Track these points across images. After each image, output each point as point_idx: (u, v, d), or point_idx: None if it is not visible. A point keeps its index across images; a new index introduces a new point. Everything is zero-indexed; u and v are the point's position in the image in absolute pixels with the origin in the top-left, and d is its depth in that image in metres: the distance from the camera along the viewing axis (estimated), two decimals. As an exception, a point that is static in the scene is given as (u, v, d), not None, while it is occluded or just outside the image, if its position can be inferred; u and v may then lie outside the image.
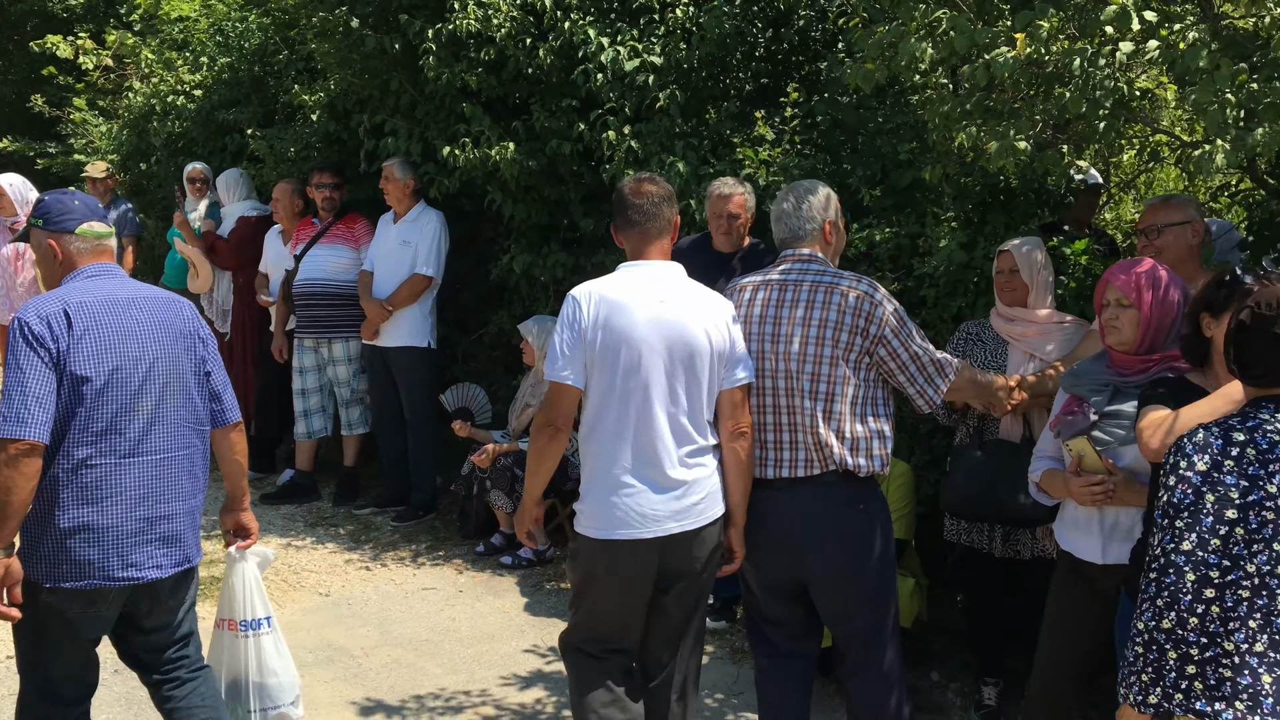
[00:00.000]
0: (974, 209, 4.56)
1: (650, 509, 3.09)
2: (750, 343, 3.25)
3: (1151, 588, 2.26)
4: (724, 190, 4.70)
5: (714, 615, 4.84)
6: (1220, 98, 3.10)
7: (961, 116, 3.69)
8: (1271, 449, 2.21)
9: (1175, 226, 3.61)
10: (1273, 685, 2.14)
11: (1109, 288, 3.10)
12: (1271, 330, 2.25)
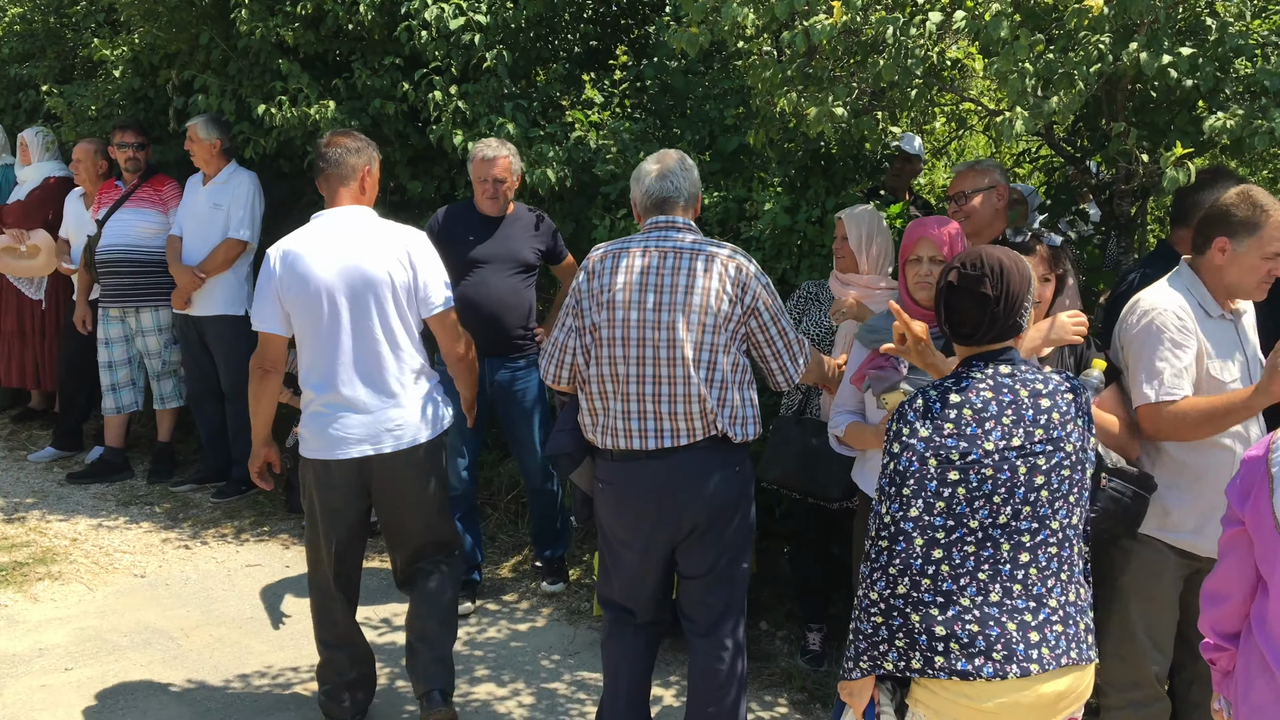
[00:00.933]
0: (797, 174, 4.68)
1: (352, 432, 3.49)
2: (630, 310, 3.15)
3: (883, 557, 2.30)
4: (487, 153, 4.54)
5: (550, 579, 4.86)
6: (1020, 67, 3.28)
7: (783, 82, 3.77)
8: (985, 407, 2.31)
9: (982, 191, 3.80)
10: (1018, 631, 2.27)
11: (923, 243, 3.23)
12: (977, 290, 2.35)
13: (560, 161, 4.88)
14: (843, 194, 4.54)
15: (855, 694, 2.40)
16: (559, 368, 3.30)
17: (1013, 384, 2.34)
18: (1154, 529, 2.98)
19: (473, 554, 4.77)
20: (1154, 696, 3.06)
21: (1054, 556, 2.33)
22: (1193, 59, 3.37)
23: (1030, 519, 2.30)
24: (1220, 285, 2.97)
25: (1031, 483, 2.30)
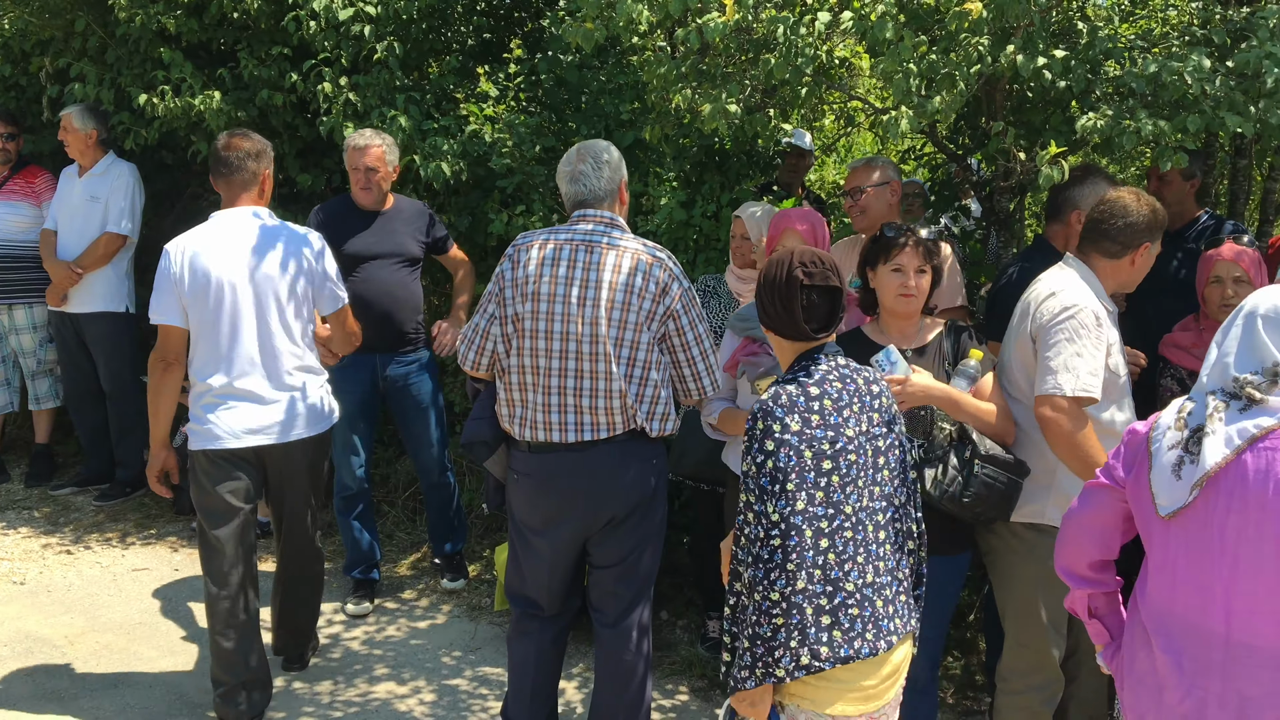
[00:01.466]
0: (692, 169, 4.74)
1: (247, 423, 3.62)
2: (555, 303, 3.12)
3: (778, 555, 2.31)
4: (359, 142, 4.47)
5: (450, 575, 4.83)
6: (904, 68, 3.39)
7: (677, 79, 3.83)
8: (840, 396, 2.42)
9: (876, 187, 3.92)
10: (883, 606, 2.39)
11: (788, 234, 3.30)
12: (828, 284, 2.45)
13: (455, 155, 4.85)
14: (737, 189, 4.62)
15: (756, 702, 2.42)
16: (479, 354, 3.28)
17: (851, 373, 2.48)
18: (1057, 518, 3.07)
19: (370, 553, 4.71)
20: (1054, 679, 3.19)
21: (898, 531, 2.49)
22: (1065, 61, 3.53)
23: (880, 498, 2.44)
24: (1117, 283, 3.10)
25: (877, 464, 2.44)
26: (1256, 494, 2.03)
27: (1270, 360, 2.09)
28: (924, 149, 5.32)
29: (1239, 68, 3.41)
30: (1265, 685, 2.04)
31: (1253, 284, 3.30)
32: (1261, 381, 2.08)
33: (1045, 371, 2.95)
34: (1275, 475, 2.01)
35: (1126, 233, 3.03)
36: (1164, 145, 3.46)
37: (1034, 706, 3.15)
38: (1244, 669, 2.07)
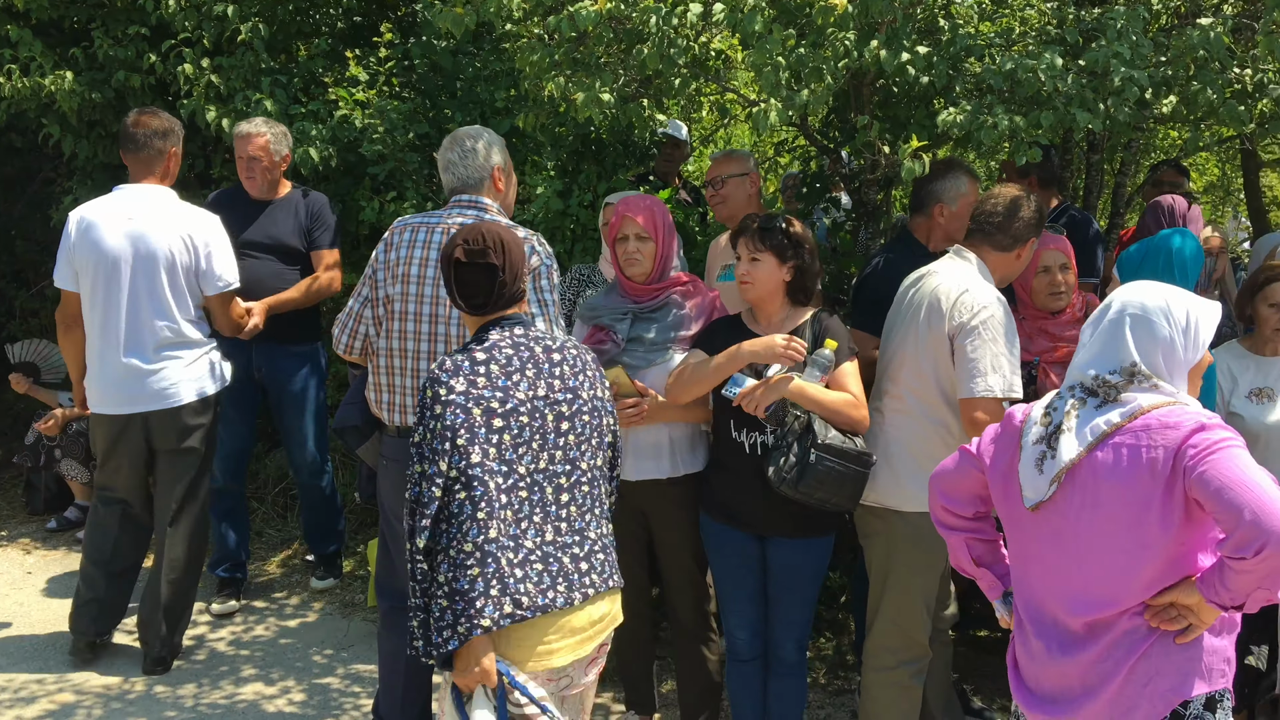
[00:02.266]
0: (569, 158, 4.72)
1: (128, 391, 3.83)
2: (424, 285, 3.10)
3: (466, 507, 2.31)
4: (244, 129, 4.41)
5: (321, 573, 4.72)
6: (773, 60, 3.43)
7: (550, 67, 3.79)
8: (509, 362, 2.48)
9: (735, 178, 3.96)
10: (571, 563, 2.46)
11: (627, 221, 3.29)
12: (484, 262, 2.49)
13: (324, 140, 4.72)
14: (613, 179, 4.61)
15: (473, 664, 2.32)
16: (351, 337, 3.24)
17: (528, 342, 2.52)
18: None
19: (237, 552, 4.57)
20: (923, 654, 3.28)
21: (587, 495, 2.54)
22: (928, 57, 3.62)
23: (563, 462, 2.50)
24: (1001, 275, 3.19)
25: (559, 429, 2.49)
26: (1107, 487, 2.12)
27: (1128, 360, 2.18)
28: (796, 141, 5.41)
29: (1090, 66, 3.56)
30: (1118, 665, 2.14)
31: (1074, 270, 3.46)
32: (1118, 380, 2.17)
33: (972, 374, 2.95)
34: (1123, 469, 2.10)
35: (1019, 228, 3.12)
36: (1020, 140, 3.59)
37: (904, 682, 3.24)
38: (1101, 651, 2.17)
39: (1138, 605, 2.14)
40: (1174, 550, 2.09)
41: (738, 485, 3.13)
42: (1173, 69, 3.75)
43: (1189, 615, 2.10)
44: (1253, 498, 1.92)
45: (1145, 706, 2.12)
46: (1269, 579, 1.95)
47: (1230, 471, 1.96)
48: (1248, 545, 1.91)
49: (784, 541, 3.13)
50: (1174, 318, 2.17)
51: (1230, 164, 6.71)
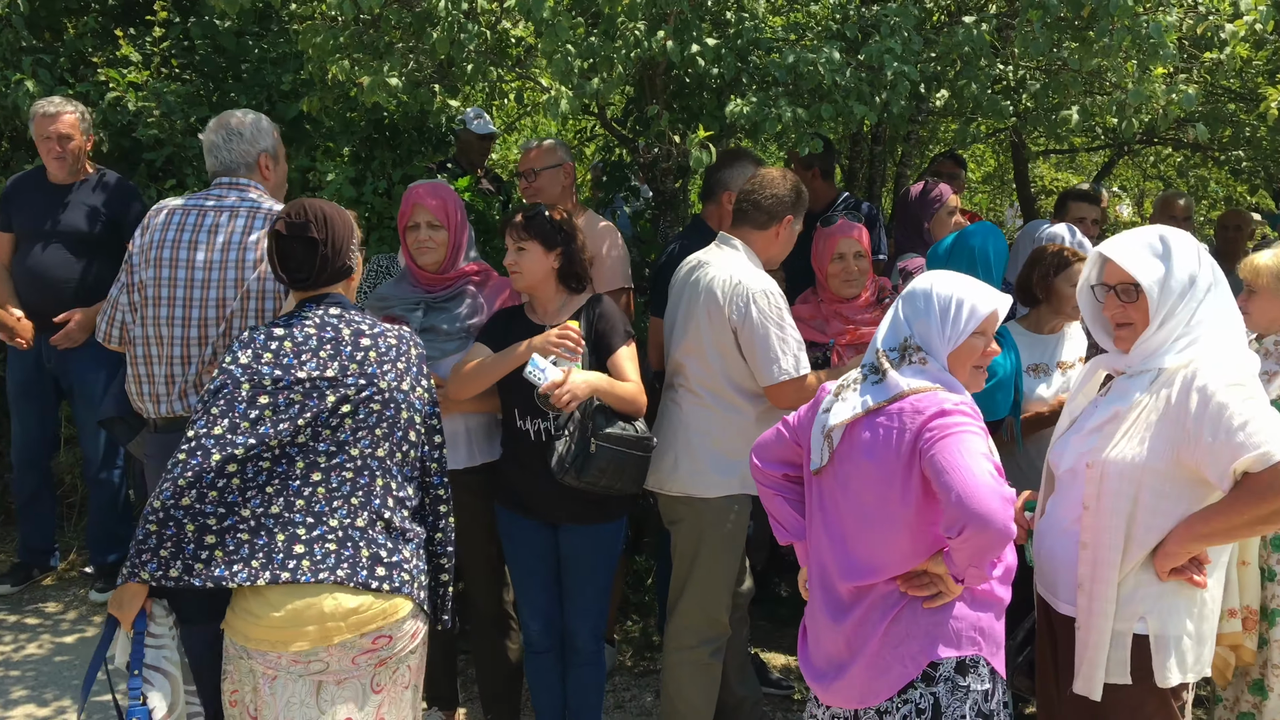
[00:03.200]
0: (362, 144, 4.59)
1: None
2: (177, 268, 2.96)
3: (178, 469, 2.32)
4: (48, 109, 4.18)
5: (100, 585, 4.43)
6: (563, 48, 3.43)
7: (335, 49, 3.68)
8: (306, 341, 2.48)
9: (549, 169, 3.93)
10: (285, 542, 2.38)
11: (418, 209, 3.25)
12: (305, 235, 2.49)
13: (95, 125, 4.42)
14: (409, 166, 4.52)
15: (125, 605, 2.42)
16: (110, 325, 3.08)
17: (338, 324, 2.51)
18: (738, 488, 3.21)
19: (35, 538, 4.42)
20: (724, 633, 3.35)
21: (347, 480, 2.44)
22: (716, 49, 3.71)
23: (330, 442, 2.43)
24: (767, 256, 3.27)
25: (337, 410, 2.43)
26: (864, 463, 2.24)
27: (903, 335, 2.29)
28: (596, 130, 5.44)
29: (868, 61, 3.72)
30: (874, 627, 2.26)
31: (868, 257, 3.62)
32: (895, 357, 2.28)
33: (765, 363, 3.07)
34: (877, 447, 2.22)
35: (773, 204, 3.21)
36: (802, 131, 3.72)
37: (704, 660, 3.31)
38: (862, 614, 2.28)
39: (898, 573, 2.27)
40: (918, 525, 2.21)
41: (526, 473, 3.12)
42: (941, 65, 3.97)
43: (938, 583, 2.23)
44: (961, 481, 2.05)
45: (897, 668, 2.24)
46: (975, 558, 2.10)
47: (951, 456, 2.09)
48: (954, 525, 2.05)
49: (575, 529, 3.15)
50: (936, 299, 2.29)
51: (1004, 155, 7.17)
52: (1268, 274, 3.08)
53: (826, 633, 2.36)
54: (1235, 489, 2.14)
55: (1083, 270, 2.48)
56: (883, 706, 2.26)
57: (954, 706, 2.22)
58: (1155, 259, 2.29)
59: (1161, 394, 2.24)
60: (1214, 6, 3.80)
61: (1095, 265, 2.42)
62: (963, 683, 2.23)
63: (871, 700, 2.27)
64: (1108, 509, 2.25)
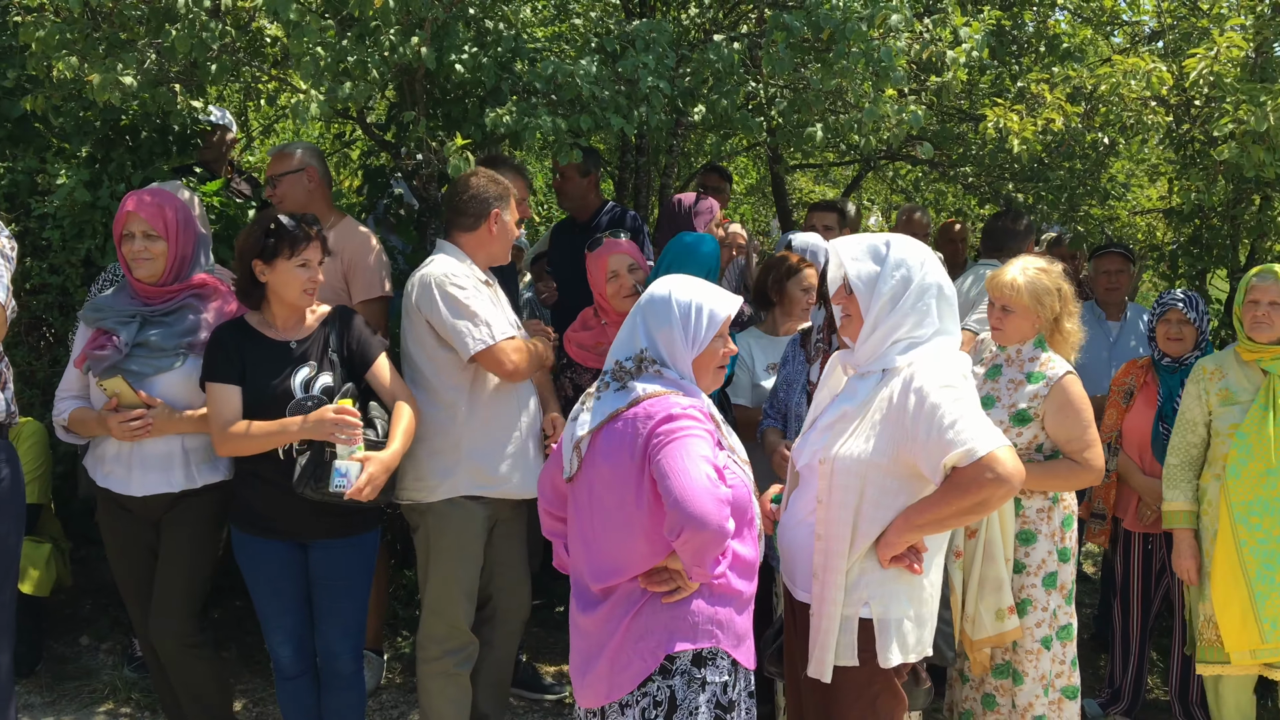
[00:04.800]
0: (98, 145, 4.30)
1: None
2: None
3: None
4: None
5: None
6: (311, 50, 3.34)
7: (61, 44, 3.43)
8: None
9: (289, 175, 3.81)
10: None
11: (131, 217, 3.10)
12: None
13: None
14: (150, 169, 4.26)
15: None
16: None
17: None
18: (464, 489, 3.22)
19: None
20: (467, 642, 3.34)
21: None
22: (476, 58, 3.70)
23: None
24: (488, 254, 3.33)
25: None
26: (605, 468, 2.31)
27: (639, 347, 2.35)
28: (353, 135, 5.32)
29: (625, 74, 3.81)
30: (618, 623, 2.32)
31: (644, 269, 3.70)
32: (632, 366, 2.34)
33: (459, 336, 3.14)
34: (615, 452, 2.29)
35: (474, 204, 3.27)
36: (563, 142, 3.77)
37: (449, 670, 3.30)
38: (608, 610, 2.34)
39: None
40: (653, 527, 2.29)
41: (275, 493, 3.01)
42: (695, 81, 4.12)
43: (677, 579, 2.32)
44: (679, 485, 2.15)
45: (637, 662, 2.31)
46: (695, 558, 2.22)
47: (673, 461, 2.19)
48: (674, 528, 2.16)
49: (327, 545, 3.07)
50: (676, 307, 2.37)
51: (764, 168, 7.51)
52: (1026, 293, 3.25)
53: (581, 632, 2.42)
54: (944, 482, 2.32)
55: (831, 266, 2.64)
56: (625, 700, 2.33)
57: (689, 698, 2.30)
58: (872, 261, 2.46)
59: (885, 393, 2.41)
60: (937, 35, 4.12)
61: (837, 260, 2.58)
62: (699, 674, 2.32)
63: (614, 695, 2.34)
64: (838, 502, 2.40)
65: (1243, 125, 3.72)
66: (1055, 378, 3.25)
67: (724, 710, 2.35)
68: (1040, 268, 3.32)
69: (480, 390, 3.22)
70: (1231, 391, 3.51)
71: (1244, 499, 3.40)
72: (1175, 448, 3.64)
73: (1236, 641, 3.44)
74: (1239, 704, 3.62)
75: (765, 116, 4.57)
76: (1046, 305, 3.27)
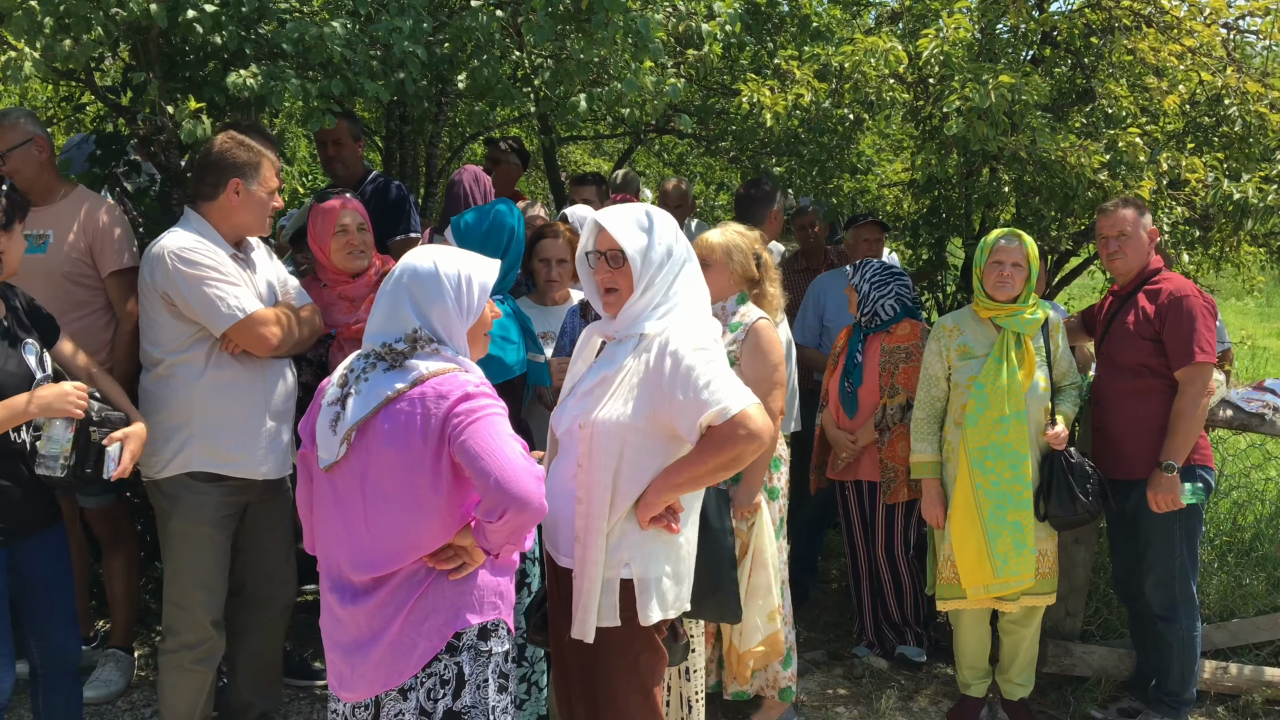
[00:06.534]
0: None
1: None
2: None
3: None
4: None
5: None
6: (26, 4, 3.06)
7: None
8: None
9: (18, 149, 3.51)
10: None
11: None
12: None
13: None
14: None
15: None
16: None
17: None
18: (198, 464, 3.08)
19: None
20: (205, 637, 3.18)
21: None
22: (215, 16, 3.48)
23: None
24: (232, 224, 3.17)
25: None
26: (387, 452, 2.23)
27: (410, 327, 2.28)
28: (83, 98, 4.92)
29: (381, 39, 3.69)
30: (399, 608, 2.28)
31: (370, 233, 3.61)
32: (404, 347, 2.26)
33: (211, 309, 3.04)
34: (400, 435, 2.22)
35: (213, 171, 3.13)
36: (314, 107, 3.61)
37: (185, 664, 3.16)
38: (385, 596, 2.28)
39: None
40: (448, 511, 2.26)
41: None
42: (452, 47, 4.04)
43: (463, 554, 2.29)
44: (497, 466, 2.13)
45: (423, 643, 2.28)
46: (513, 537, 2.21)
47: (484, 441, 2.16)
48: (494, 509, 2.14)
49: (33, 540, 2.83)
50: (446, 280, 2.31)
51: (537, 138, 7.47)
52: (720, 250, 3.53)
53: (343, 619, 2.33)
54: (700, 441, 2.40)
55: (582, 238, 2.64)
56: (407, 685, 2.29)
57: (477, 672, 2.30)
58: (640, 231, 2.51)
59: (642, 358, 2.45)
60: (692, 9, 4.21)
61: (590, 233, 2.59)
62: (484, 647, 2.32)
63: (394, 681, 2.29)
64: (598, 465, 2.43)
65: (968, 102, 4.00)
66: (750, 323, 3.50)
67: (504, 679, 2.37)
68: (739, 231, 3.60)
69: (219, 364, 3.09)
70: (969, 347, 3.80)
71: (980, 445, 3.69)
72: (920, 402, 3.90)
73: (972, 578, 3.74)
74: (978, 636, 3.94)
75: (532, 87, 4.55)
76: (738, 261, 3.53)
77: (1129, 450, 3.73)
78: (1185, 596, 3.76)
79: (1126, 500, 3.76)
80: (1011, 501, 3.66)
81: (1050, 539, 3.77)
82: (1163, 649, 3.83)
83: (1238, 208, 4.15)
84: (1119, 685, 4.14)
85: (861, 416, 4.25)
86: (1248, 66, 4.78)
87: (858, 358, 4.25)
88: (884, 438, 4.16)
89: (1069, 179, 4.13)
